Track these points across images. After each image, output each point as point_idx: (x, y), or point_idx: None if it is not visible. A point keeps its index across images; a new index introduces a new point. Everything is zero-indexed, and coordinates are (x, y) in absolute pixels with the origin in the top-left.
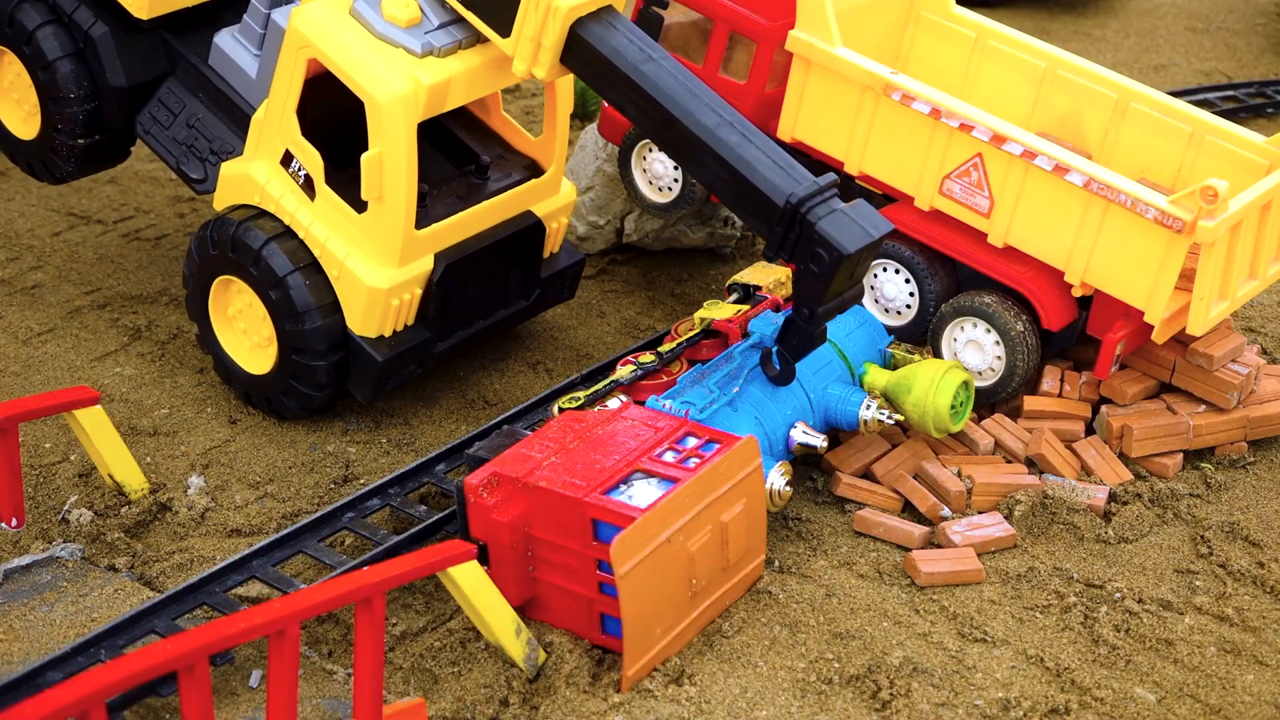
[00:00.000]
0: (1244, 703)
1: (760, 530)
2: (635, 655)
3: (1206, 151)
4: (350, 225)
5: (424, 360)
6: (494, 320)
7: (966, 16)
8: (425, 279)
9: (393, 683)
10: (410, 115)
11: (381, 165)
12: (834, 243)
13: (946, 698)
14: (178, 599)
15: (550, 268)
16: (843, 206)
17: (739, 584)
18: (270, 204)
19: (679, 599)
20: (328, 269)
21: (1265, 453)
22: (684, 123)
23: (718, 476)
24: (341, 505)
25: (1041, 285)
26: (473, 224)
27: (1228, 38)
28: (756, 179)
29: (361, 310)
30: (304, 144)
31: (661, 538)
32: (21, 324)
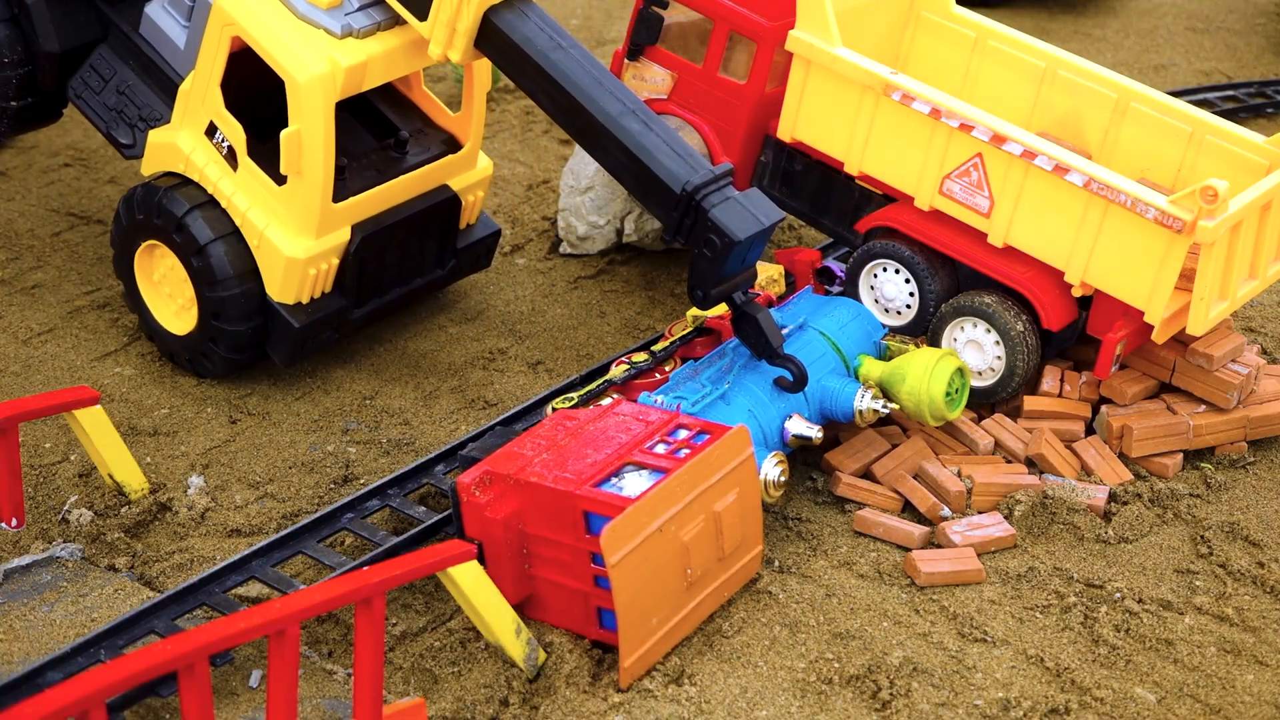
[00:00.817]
0: (1244, 703)
1: (756, 521)
2: (631, 646)
3: (1206, 151)
4: (270, 197)
5: (340, 327)
6: (410, 288)
7: (966, 16)
8: (342, 249)
9: (393, 683)
10: (328, 95)
11: (300, 142)
12: (726, 229)
13: (946, 698)
14: (177, 599)
15: (466, 239)
16: (736, 195)
17: (736, 575)
18: (194, 173)
19: (674, 589)
20: (248, 238)
21: (1265, 453)
22: (589, 110)
23: (709, 466)
24: (341, 506)
25: (1041, 285)
26: (389, 197)
27: (1228, 38)
28: (656, 166)
29: (280, 278)
30: (227, 117)
31: (653, 527)
32: (21, 324)
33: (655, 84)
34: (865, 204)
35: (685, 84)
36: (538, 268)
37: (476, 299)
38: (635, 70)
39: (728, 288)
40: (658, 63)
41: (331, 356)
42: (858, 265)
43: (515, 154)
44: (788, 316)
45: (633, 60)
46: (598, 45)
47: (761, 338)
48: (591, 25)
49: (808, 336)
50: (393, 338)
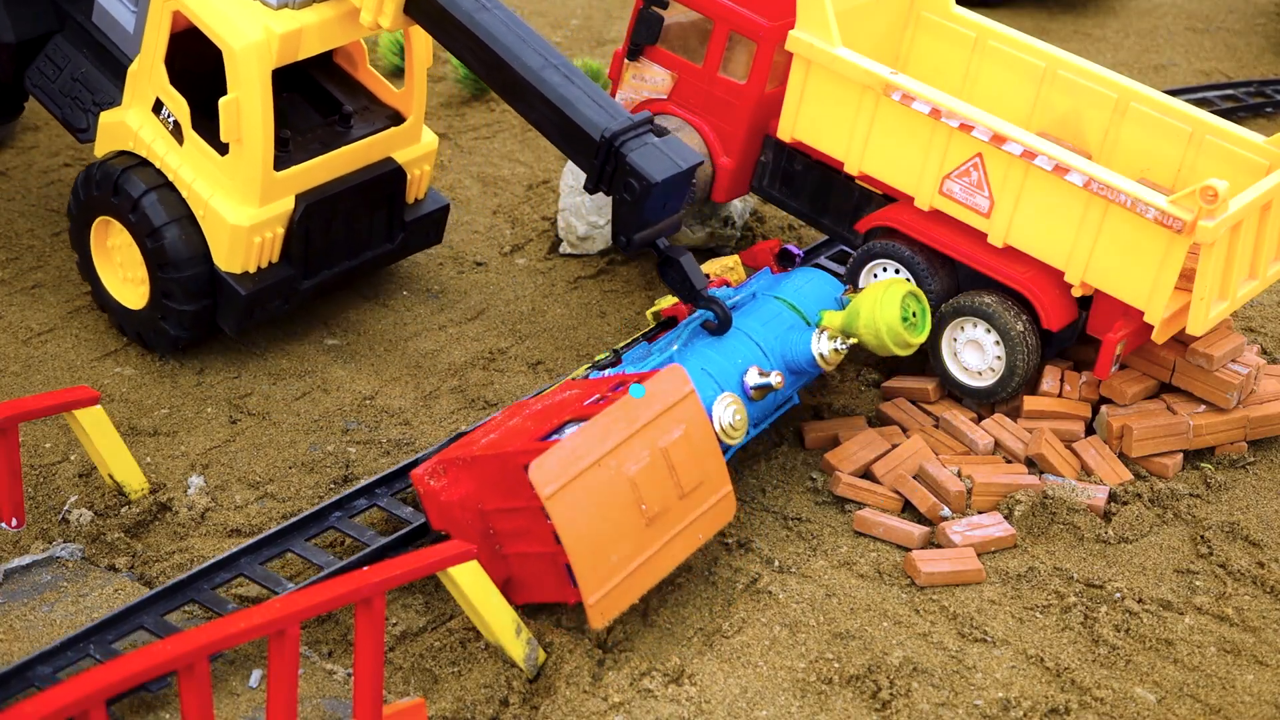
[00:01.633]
0: (1244, 703)
1: (716, 459)
2: (591, 583)
3: (1206, 151)
4: (214, 167)
5: (289, 296)
6: (359, 261)
7: (966, 16)
8: (287, 219)
9: (393, 683)
10: (264, 62)
11: (239, 109)
12: (643, 172)
13: (946, 698)
14: (165, 596)
15: (414, 213)
16: (655, 140)
17: (707, 516)
18: (143, 149)
19: (630, 525)
20: (194, 208)
21: (1265, 453)
22: (512, 65)
23: (643, 402)
24: (329, 505)
25: (1041, 285)
26: (333, 168)
27: (1228, 38)
28: (576, 115)
29: (225, 247)
30: (172, 92)
31: (587, 460)
32: (21, 324)
33: (655, 84)
34: (865, 204)
35: (685, 84)
36: (538, 268)
37: (476, 299)
38: (635, 70)
39: (650, 233)
40: (658, 63)
41: (332, 356)
42: (858, 265)
43: (515, 154)
44: (743, 292)
45: (633, 60)
46: (598, 45)
47: (685, 281)
48: (591, 25)
49: (761, 301)
50: (392, 338)
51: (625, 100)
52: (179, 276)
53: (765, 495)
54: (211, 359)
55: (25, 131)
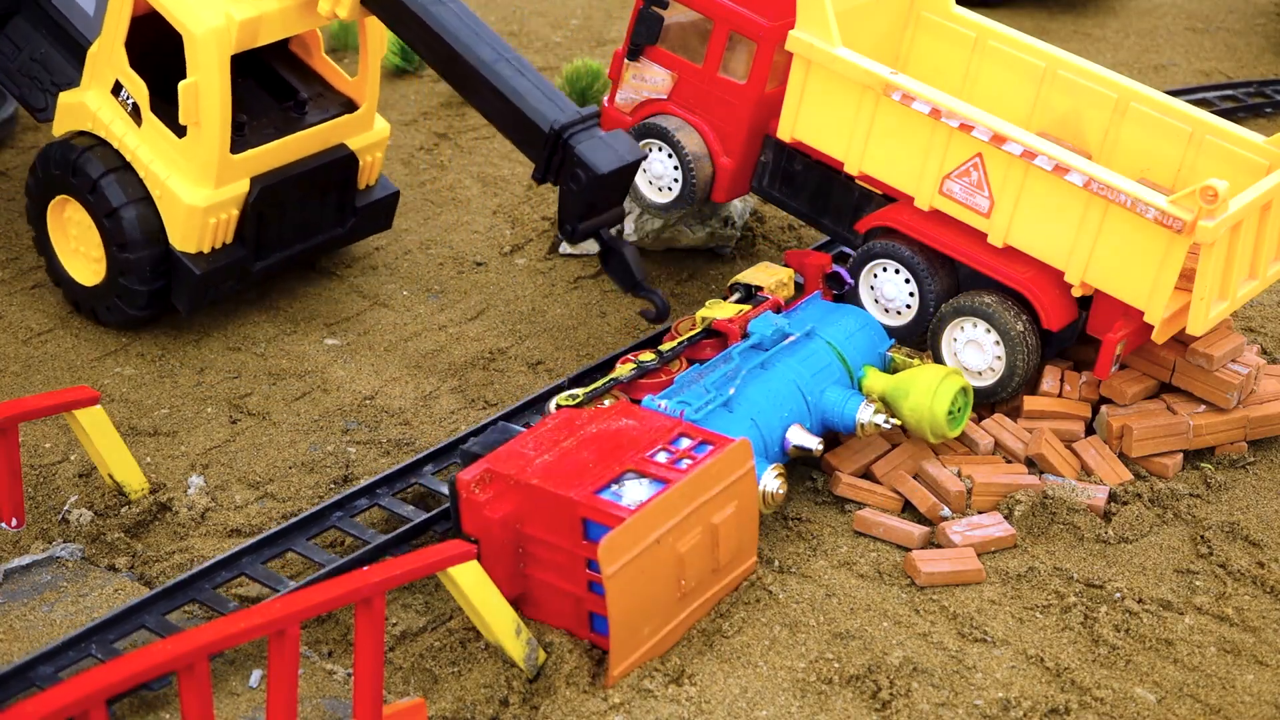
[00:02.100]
0: (1244, 703)
1: (752, 532)
2: (621, 655)
3: (1206, 151)
4: (172, 149)
5: (242, 277)
6: (311, 244)
7: (966, 16)
8: (241, 200)
9: (393, 683)
10: (223, 47)
11: (197, 93)
12: (590, 163)
13: (946, 698)
14: (166, 595)
15: (365, 199)
16: (601, 134)
17: (727, 586)
18: (101, 129)
19: (667, 600)
20: (151, 189)
21: (1265, 453)
22: (465, 58)
23: (709, 478)
24: (330, 505)
25: (1041, 285)
26: (287, 152)
27: (1228, 38)
28: (525, 107)
29: (181, 227)
30: (132, 74)
31: (650, 539)
32: (21, 324)
33: (655, 84)
34: (865, 204)
35: (685, 84)
36: (538, 268)
37: (476, 299)
38: (635, 70)
39: (595, 223)
40: (658, 63)
41: (332, 356)
42: (858, 265)
43: (515, 154)
44: (795, 323)
45: (633, 60)
46: (598, 45)
47: (627, 271)
48: (591, 25)
49: (814, 345)
50: (393, 338)
51: (625, 100)
52: (135, 257)
53: None
54: (211, 359)
55: (25, 131)
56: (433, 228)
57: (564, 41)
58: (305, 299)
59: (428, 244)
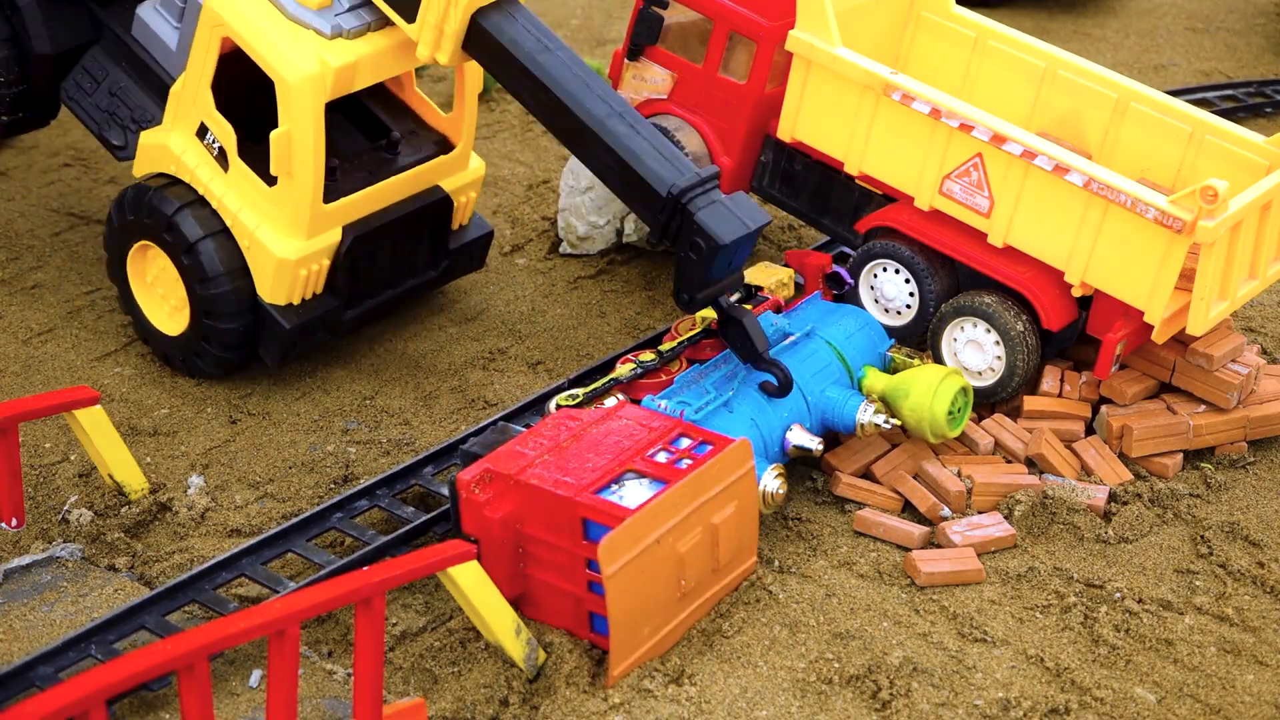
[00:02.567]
0: (1244, 703)
1: (752, 532)
2: (621, 655)
3: (1206, 151)
4: (261, 197)
5: (333, 328)
6: (402, 289)
7: (966, 16)
8: (333, 250)
9: (393, 683)
10: (318, 95)
11: (290, 143)
12: (711, 233)
13: (946, 698)
14: (167, 596)
15: (459, 239)
16: (722, 198)
17: (727, 586)
18: (185, 174)
19: (667, 600)
20: (239, 239)
21: (1265, 453)
22: (575, 112)
23: (709, 479)
24: (330, 505)
25: (1041, 285)
26: (381, 198)
27: (1228, 38)
28: (642, 169)
29: (271, 279)
30: (218, 117)
31: (650, 539)
32: (21, 324)
33: (655, 84)
34: (865, 204)
35: (685, 84)
36: (538, 268)
37: (476, 299)
38: (635, 70)
39: (714, 291)
40: (658, 63)
41: (331, 357)
42: (858, 265)
43: (515, 154)
44: (795, 323)
45: (633, 60)
46: (597, 45)
47: (747, 342)
48: (591, 25)
49: (814, 345)
50: (392, 338)
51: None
52: (218, 292)
53: None
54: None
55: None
56: None
57: (564, 41)
58: None
59: None
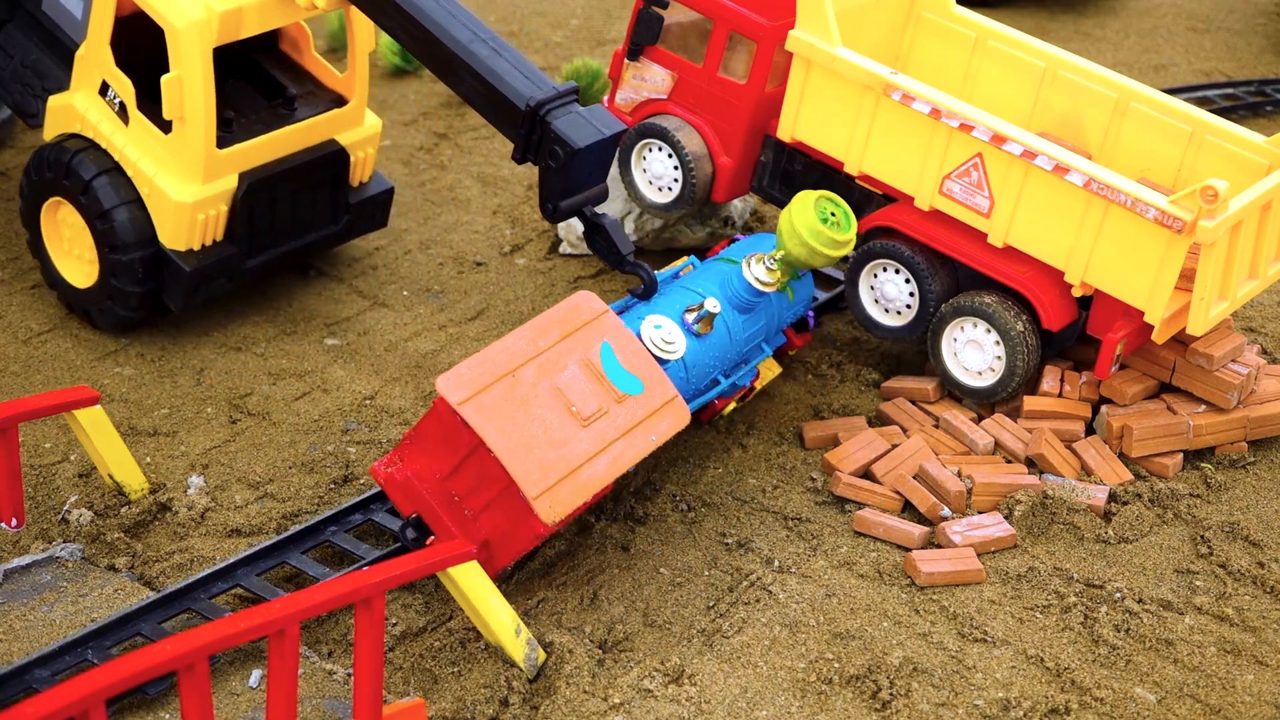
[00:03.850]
0: (1244, 703)
1: (652, 368)
2: (531, 478)
3: (1206, 151)
4: (159, 146)
5: (233, 275)
6: (304, 242)
7: (966, 16)
8: (230, 196)
9: (393, 683)
10: (205, 40)
11: (181, 86)
12: (567, 139)
13: (946, 698)
14: (164, 603)
15: (359, 195)
16: (579, 110)
17: (655, 420)
18: (90, 130)
19: (563, 426)
20: (140, 187)
21: (1265, 453)
22: (442, 40)
23: (552, 324)
24: (325, 519)
25: (1041, 285)
26: (276, 147)
27: (1228, 38)
28: (502, 86)
29: (170, 224)
30: (117, 73)
31: (499, 372)
32: (21, 324)
33: (655, 84)
34: (865, 204)
35: (685, 84)
36: (538, 268)
37: (477, 299)
38: (635, 70)
39: (577, 201)
40: (658, 63)
41: (331, 356)
42: (858, 265)
43: None
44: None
45: (633, 60)
46: (598, 45)
47: (612, 247)
48: (591, 25)
49: (706, 265)
50: (393, 338)
51: (625, 100)
52: (127, 259)
53: (765, 495)
54: (211, 359)
55: (25, 132)
56: (433, 228)
57: (564, 41)
58: (305, 299)
59: (428, 244)
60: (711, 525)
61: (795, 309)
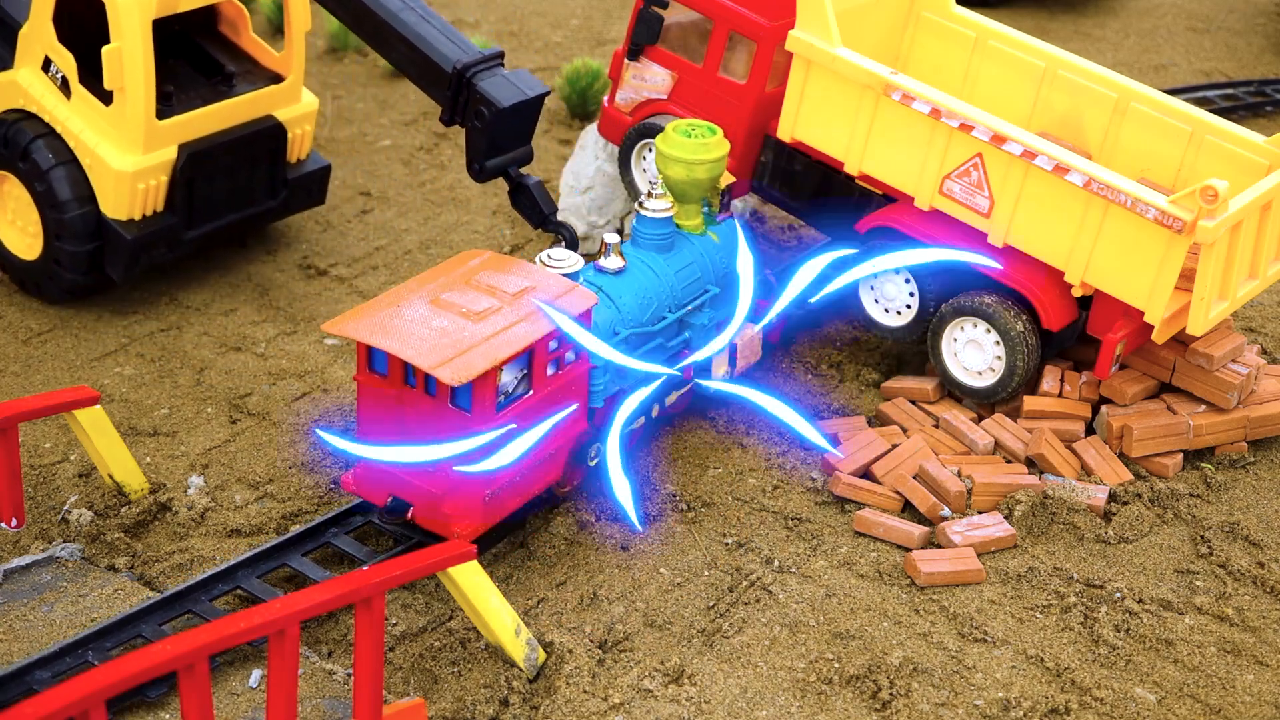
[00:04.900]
0: (1244, 703)
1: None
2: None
3: (1206, 151)
4: (100, 118)
5: (174, 245)
6: (243, 215)
7: (966, 16)
8: (170, 167)
9: (393, 683)
10: (144, 12)
11: (120, 58)
12: (492, 98)
13: (946, 698)
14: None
15: (296, 171)
16: (504, 72)
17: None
18: (33, 105)
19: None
20: (82, 159)
21: (1265, 453)
22: (374, 10)
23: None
24: (325, 521)
25: (1041, 285)
26: (214, 120)
27: (1228, 37)
28: (430, 51)
29: (112, 194)
30: (59, 48)
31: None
32: (21, 324)
33: (655, 84)
34: (865, 204)
35: (685, 84)
36: None
37: None
38: (635, 70)
39: (503, 161)
40: (658, 63)
41: (331, 356)
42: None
43: None
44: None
45: (633, 60)
46: (598, 45)
47: (535, 206)
48: (591, 25)
49: None
50: None
51: (625, 100)
52: (68, 216)
53: (765, 495)
54: (211, 359)
55: None
56: (433, 228)
57: (564, 41)
58: (305, 299)
59: (428, 244)
60: (711, 525)
61: (731, 254)
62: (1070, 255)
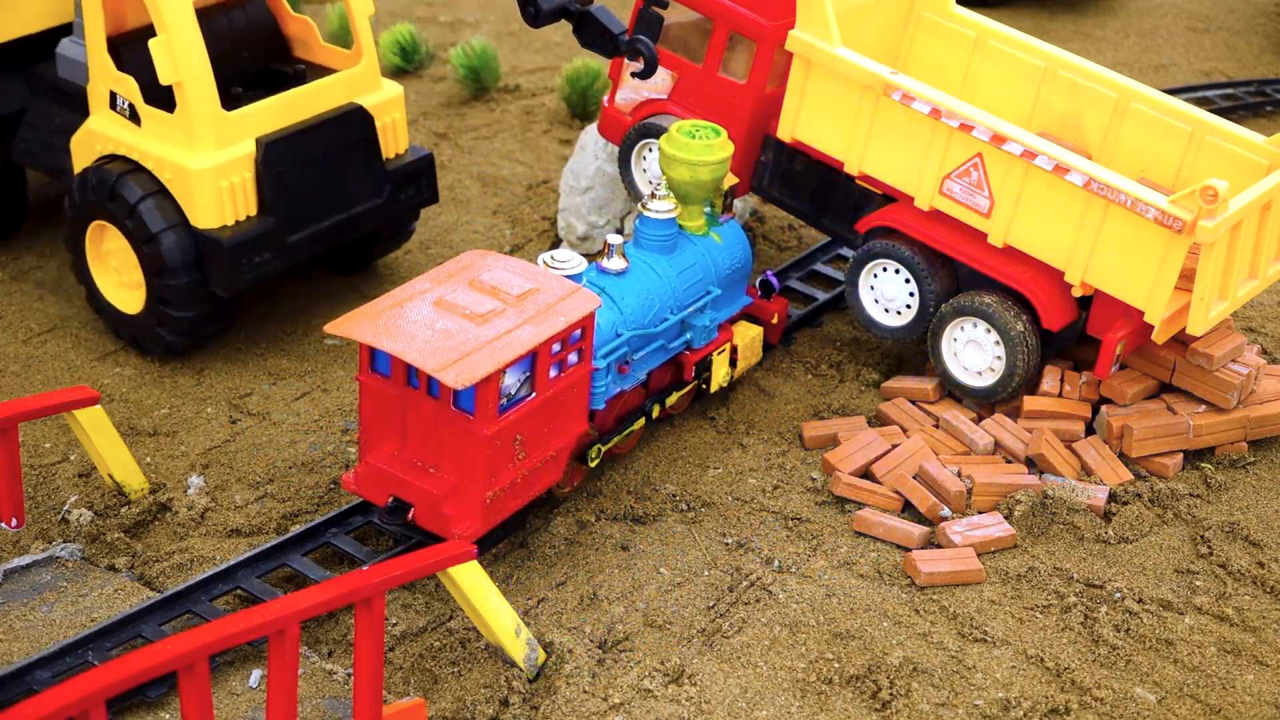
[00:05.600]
0: (1244, 703)
1: (550, 277)
2: (422, 358)
3: (1206, 151)
4: (169, 128)
5: (278, 251)
6: (348, 214)
7: (966, 16)
8: (250, 162)
9: (393, 683)
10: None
11: (170, 47)
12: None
13: (946, 698)
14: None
15: (398, 164)
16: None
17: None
18: (110, 145)
19: (459, 327)
20: (161, 175)
21: (1265, 453)
22: None
23: (439, 271)
24: (325, 521)
25: (1041, 285)
26: (290, 110)
27: (1228, 37)
28: None
29: (197, 199)
30: (119, 75)
31: (388, 306)
32: (21, 324)
33: (655, 84)
34: (865, 204)
35: (685, 84)
36: None
37: None
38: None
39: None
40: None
41: (331, 356)
42: (858, 265)
43: (515, 154)
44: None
45: (633, 60)
46: None
47: (605, 31)
48: None
49: None
50: None
51: (625, 100)
52: (176, 284)
53: (765, 495)
54: (211, 359)
55: None
56: (433, 228)
57: (564, 41)
58: (305, 299)
59: (428, 244)
60: (711, 525)
61: (733, 255)
62: (1070, 255)
